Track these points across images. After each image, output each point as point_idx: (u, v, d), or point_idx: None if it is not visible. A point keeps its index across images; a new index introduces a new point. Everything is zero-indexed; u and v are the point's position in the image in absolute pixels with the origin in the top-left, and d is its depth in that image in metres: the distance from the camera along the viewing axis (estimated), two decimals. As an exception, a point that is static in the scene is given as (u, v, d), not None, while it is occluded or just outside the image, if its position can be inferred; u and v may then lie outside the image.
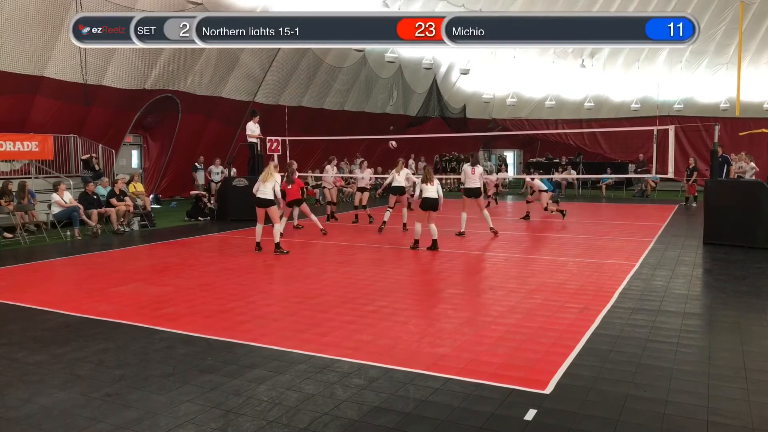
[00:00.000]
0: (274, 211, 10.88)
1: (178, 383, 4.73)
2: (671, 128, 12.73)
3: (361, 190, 16.00)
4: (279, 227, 10.97)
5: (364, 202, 15.73)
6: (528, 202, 16.32)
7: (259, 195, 10.75)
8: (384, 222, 13.58)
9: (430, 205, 10.99)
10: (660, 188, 23.61)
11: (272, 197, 10.75)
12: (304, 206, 12.96)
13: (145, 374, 4.94)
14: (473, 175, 12.47)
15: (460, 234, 12.66)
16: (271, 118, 19.61)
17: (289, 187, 12.16)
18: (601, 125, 28.53)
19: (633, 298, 7.35)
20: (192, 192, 17.80)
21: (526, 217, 15.76)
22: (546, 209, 15.68)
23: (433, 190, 10.94)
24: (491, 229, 12.77)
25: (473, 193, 12.58)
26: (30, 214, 13.12)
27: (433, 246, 10.88)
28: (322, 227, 13.03)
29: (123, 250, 11.57)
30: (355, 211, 16.13)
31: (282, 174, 11.68)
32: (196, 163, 19.94)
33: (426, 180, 11.07)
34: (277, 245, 10.73)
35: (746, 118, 24.09)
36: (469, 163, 12.72)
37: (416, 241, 11.11)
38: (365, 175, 16.51)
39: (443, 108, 28.11)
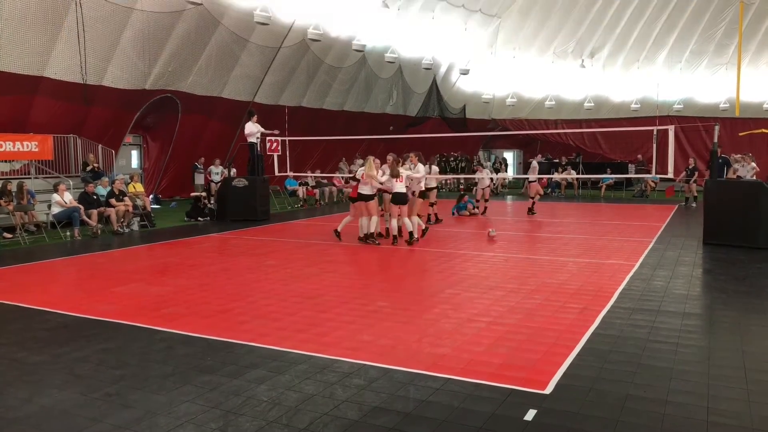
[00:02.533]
0: (372, 206, 11.51)
1: (177, 383, 4.73)
2: (671, 128, 12.70)
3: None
4: (375, 219, 11.64)
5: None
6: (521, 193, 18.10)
7: (359, 191, 11.61)
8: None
9: (400, 199, 11.58)
10: (660, 188, 23.60)
11: (372, 192, 11.56)
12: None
13: (145, 374, 4.94)
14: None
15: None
16: (270, 119, 19.59)
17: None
18: (601, 125, 28.47)
19: (633, 298, 7.35)
20: (192, 194, 17.80)
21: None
22: (532, 197, 17.17)
23: (402, 186, 11.58)
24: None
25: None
26: (30, 215, 13.12)
27: (411, 238, 11.59)
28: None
29: (123, 251, 11.56)
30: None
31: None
32: (196, 163, 19.94)
33: (395, 175, 11.56)
34: (395, 236, 11.60)
35: (746, 118, 24.09)
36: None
37: (394, 237, 11.72)
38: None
39: (443, 108, 28.07)
